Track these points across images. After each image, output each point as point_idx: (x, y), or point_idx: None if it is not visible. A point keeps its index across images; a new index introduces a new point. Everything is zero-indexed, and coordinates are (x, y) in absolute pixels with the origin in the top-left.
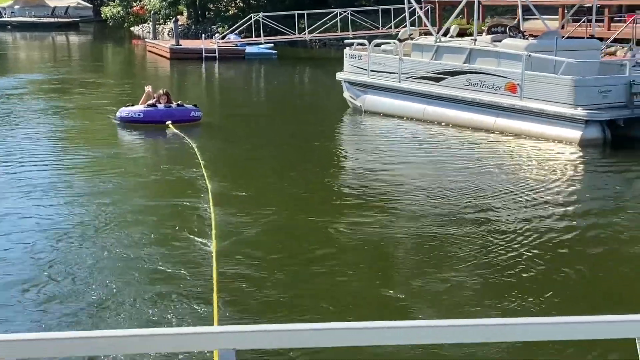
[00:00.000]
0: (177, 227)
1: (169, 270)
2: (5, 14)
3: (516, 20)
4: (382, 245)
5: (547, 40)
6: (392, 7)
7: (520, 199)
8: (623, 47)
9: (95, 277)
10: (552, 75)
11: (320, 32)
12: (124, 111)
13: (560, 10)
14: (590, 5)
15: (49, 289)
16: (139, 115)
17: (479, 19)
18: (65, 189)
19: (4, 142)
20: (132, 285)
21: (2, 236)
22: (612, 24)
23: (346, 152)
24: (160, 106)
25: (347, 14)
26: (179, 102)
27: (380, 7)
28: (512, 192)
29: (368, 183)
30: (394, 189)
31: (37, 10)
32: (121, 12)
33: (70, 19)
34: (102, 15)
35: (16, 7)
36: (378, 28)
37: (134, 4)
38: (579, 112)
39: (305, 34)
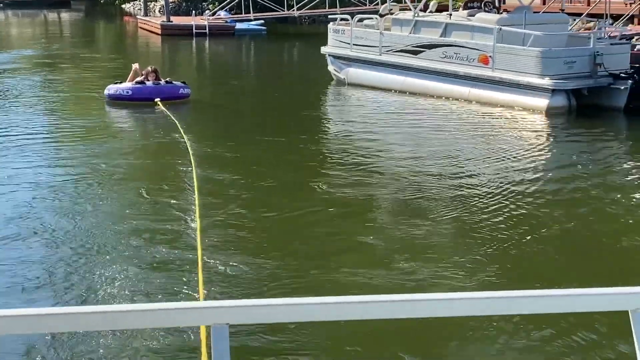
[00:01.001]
0: (160, 205)
1: (154, 246)
2: None
3: None
4: (365, 203)
5: (517, 15)
6: None
7: (492, 162)
8: (598, 22)
9: (76, 251)
10: (521, 47)
11: (308, 9)
12: (111, 88)
13: None
14: None
15: (32, 251)
16: (127, 92)
17: None
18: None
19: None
20: (117, 259)
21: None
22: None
23: (329, 120)
24: (149, 83)
25: None
26: (167, 79)
27: None
28: (485, 155)
29: (349, 148)
30: (374, 153)
31: None
32: None
33: None
34: None
35: None
36: (365, 4)
37: None
38: (546, 81)
39: (294, 10)
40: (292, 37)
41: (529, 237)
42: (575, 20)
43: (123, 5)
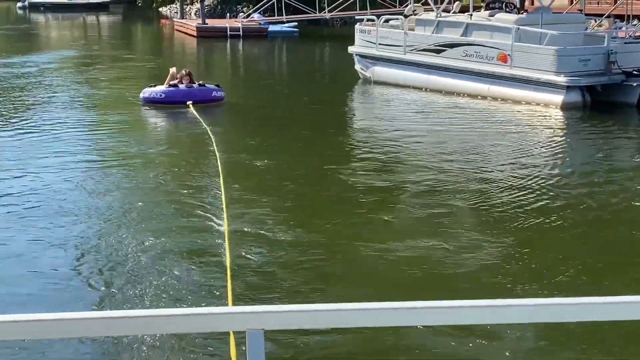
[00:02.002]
0: (188, 207)
1: (183, 251)
2: None
3: None
4: (390, 199)
5: (534, 15)
6: None
7: (511, 153)
8: (615, 22)
9: (105, 256)
10: (538, 46)
11: (340, 11)
12: (146, 92)
13: None
14: None
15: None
16: (161, 95)
17: None
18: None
19: (42, 108)
20: (145, 265)
21: (32, 194)
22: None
23: (355, 116)
24: (182, 86)
25: None
26: (200, 82)
27: None
28: (504, 147)
29: (375, 141)
30: (398, 146)
31: None
32: None
33: (101, 0)
34: None
35: None
36: (395, 6)
37: None
38: (561, 78)
39: (325, 12)
40: (324, 38)
41: (548, 227)
42: (596, 20)
43: (160, 9)
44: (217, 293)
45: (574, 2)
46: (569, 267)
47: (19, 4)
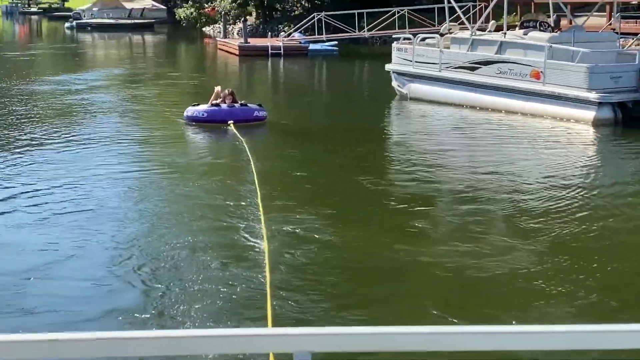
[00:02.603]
0: (226, 229)
1: (222, 271)
2: (84, 16)
3: (555, 15)
4: (426, 208)
5: (567, 34)
6: (449, 5)
7: (544, 168)
8: None
9: (146, 274)
10: (570, 63)
11: (379, 30)
12: (189, 110)
13: (607, 7)
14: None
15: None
16: (203, 114)
17: (515, 13)
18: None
19: (91, 123)
20: (184, 284)
21: (85, 199)
22: None
23: (392, 131)
24: (224, 106)
25: (405, 12)
26: (242, 101)
27: (436, 6)
28: (537, 162)
29: (411, 156)
30: (434, 161)
31: (115, 12)
32: (194, 13)
33: (146, 21)
34: (176, 17)
35: (95, 9)
36: (434, 25)
37: (206, 6)
38: (593, 95)
39: (364, 31)
40: (363, 57)
41: (582, 237)
42: (632, 39)
43: (204, 28)
44: (258, 312)
45: (611, 21)
46: (603, 279)
47: (67, 24)
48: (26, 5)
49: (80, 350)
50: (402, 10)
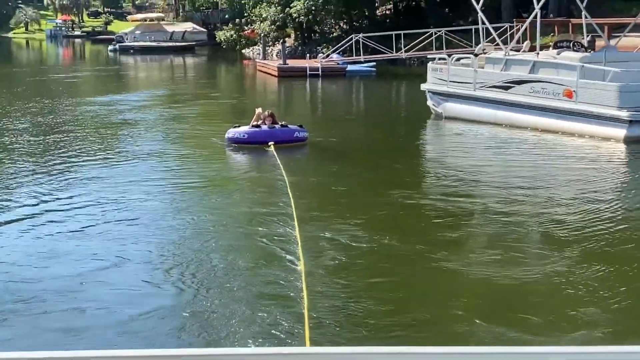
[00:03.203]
0: (263, 246)
1: (259, 290)
2: (127, 39)
3: (589, 36)
4: (460, 223)
5: (599, 54)
6: (483, 26)
7: (576, 185)
8: None
9: (184, 291)
10: (602, 82)
11: (416, 51)
12: (230, 132)
13: None
14: None
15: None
16: (244, 136)
17: (553, 34)
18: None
19: (134, 141)
20: (222, 303)
21: (131, 210)
22: None
23: (427, 148)
24: (264, 127)
25: (442, 33)
26: (283, 122)
27: (473, 27)
28: (570, 179)
29: (445, 172)
30: (468, 178)
31: (157, 35)
32: (234, 35)
33: (187, 43)
34: (217, 39)
35: (137, 32)
36: (471, 46)
37: (246, 28)
38: (624, 113)
39: (401, 52)
40: (400, 77)
41: (615, 252)
42: None
43: (243, 50)
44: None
45: None
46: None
47: (110, 47)
48: (70, 29)
49: None
50: (439, 31)
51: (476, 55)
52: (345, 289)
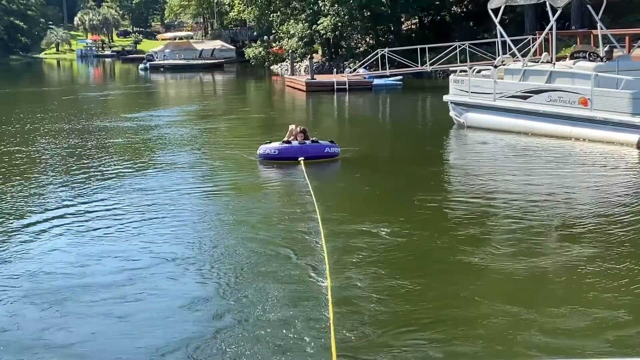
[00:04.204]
0: (290, 263)
1: (287, 305)
2: (157, 57)
3: (607, 47)
4: (483, 226)
5: (612, 63)
6: (508, 39)
7: (593, 190)
8: None
9: (211, 305)
10: (615, 90)
11: (441, 64)
12: (262, 148)
13: None
14: None
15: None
16: (275, 152)
17: (576, 45)
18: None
19: (167, 155)
20: (247, 319)
21: (165, 218)
22: None
23: (449, 156)
24: (295, 143)
25: (466, 46)
26: (313, 138)
27: (496, 40)
28: (587, 184)
29: (467, 177)
30: (488, 182)
31: (186, 53)
32: (262, 52)
33: (216, 60)
34: (245, 56)
35: (167, 50)
36: (495, 58)
37: (274, 45)
38: (637, 119)
39: (426, 65)
40: (425, 90)
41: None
42: None
43: (271, 67)
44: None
45: None
46: None
47: (141, 66)
48: (100, 49)
49: None
50: (463, 44)
51: (496, 67)
52: (368, 284)
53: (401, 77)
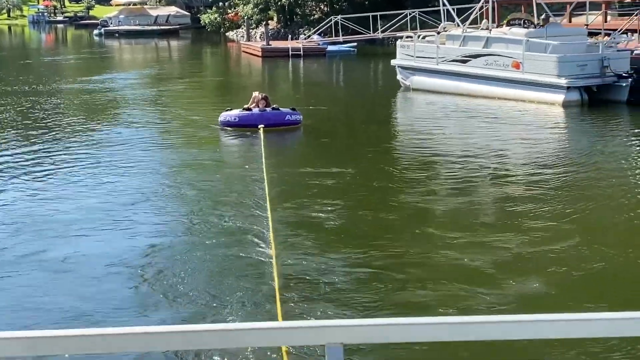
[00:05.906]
0: (236, 228)
1: (232, 269)
2: (111, 23)
3: (544, 15)
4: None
5: (542, 29)
6: (455, 7)
7: (524, 145)
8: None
9: (162, 267)
10: (544, 54)
11: (392, 31)
12: (222, 115)
13: (603, 5)
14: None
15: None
16: (235, 119)
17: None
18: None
19: (127, 118)
20: (195, 281)
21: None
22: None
23: (397, 117)
24: (255, 110)
25: (416, 14)
26: (274, 105)
27: (444, 8)
28: (517, 138)
29: (411, 137)
30: (432, 143)
31: (141, 19)
32: (218, 18)
33: (171, 27)
34: (201, 22)
35: (121, 16)
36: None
37: (229, 11)
38: (562, 81)
39: (378, 33)
40: (378, 56)
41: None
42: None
43: (227, 33)
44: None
45: (607, 20)
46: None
47: (95, 32)
48: (52, 15)
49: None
50: (413, 12)
51: (439, 33)
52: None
53: (355, 43)
